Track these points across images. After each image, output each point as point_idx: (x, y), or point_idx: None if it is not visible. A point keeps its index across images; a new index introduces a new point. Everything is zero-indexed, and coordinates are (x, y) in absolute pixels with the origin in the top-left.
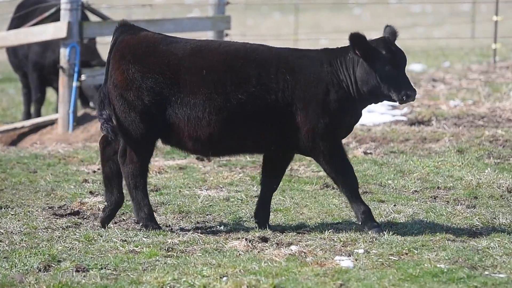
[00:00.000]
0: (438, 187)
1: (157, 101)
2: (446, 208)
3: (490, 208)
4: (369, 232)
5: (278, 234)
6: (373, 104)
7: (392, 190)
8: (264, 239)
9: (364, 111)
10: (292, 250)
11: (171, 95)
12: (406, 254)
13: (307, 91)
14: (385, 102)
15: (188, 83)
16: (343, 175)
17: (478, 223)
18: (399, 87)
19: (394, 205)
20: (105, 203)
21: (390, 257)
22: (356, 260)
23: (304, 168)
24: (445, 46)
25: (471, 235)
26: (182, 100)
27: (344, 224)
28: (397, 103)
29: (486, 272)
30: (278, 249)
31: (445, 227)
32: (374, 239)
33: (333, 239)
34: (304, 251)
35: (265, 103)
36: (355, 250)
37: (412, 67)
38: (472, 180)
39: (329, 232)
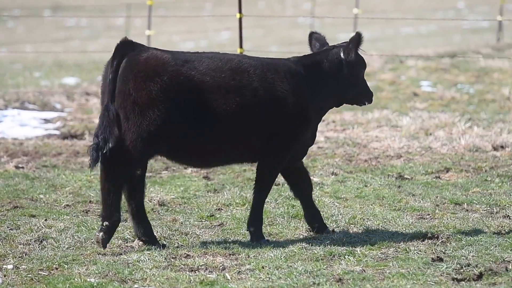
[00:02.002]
0: (90, 201)
1: (178, 119)
2: (97, 222)
3: None
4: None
5: None
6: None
7: (43, 204)
8: None
9: (17, 125)
10: None
11: (191, 114)
12: (56, 269)
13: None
14: (37, 115)
15: (208, 102)
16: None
17: (129, 237)
18: (369, 91)
19: (45, 220)
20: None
21: (40, 272)
22: (5, 276)
23: None
24: (100, 59)
25: (122, 249)
26: (201, 118)
27: None
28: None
29: (136, 285)
30: None
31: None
32: (24, 255)
33: None
34: None
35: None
36: (4, 266)
37: (66, 81)
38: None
39: None
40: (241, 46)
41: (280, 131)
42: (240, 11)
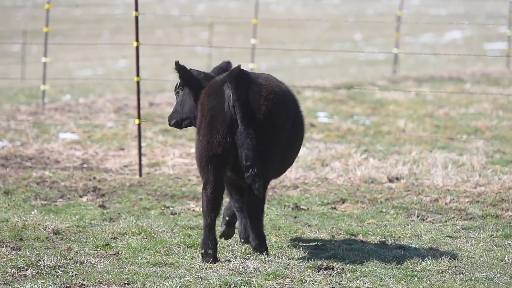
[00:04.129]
0: None
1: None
2: None
3: (35, 250)
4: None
5: None
6: None
7: None
8: None
9: None
10: None
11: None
12: None
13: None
14: None
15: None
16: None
17: (23, 265)
18: None
19: None
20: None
21: None
22: None
23: None
24: None
25: (15, 278)
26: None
27: None
28: None
29: None
30: None
31: None
32: None
33: None
34: None
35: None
36: None
37: None
38: (18, 221)
39: None
40: (138, 75)
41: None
42: (137, 40)
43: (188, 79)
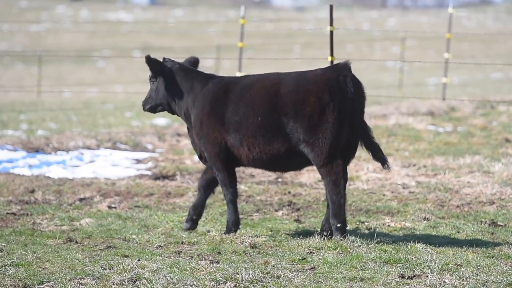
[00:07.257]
0: (182, 242)
1: None
2: (190, 263)
3: (233, 264)
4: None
5: None
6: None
7: (136, 244)
8: None
9: (109, 165)
10: None
11: None
12: None
13: None
14: (129, 155)
15: None
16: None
17: (221, 278)
18: None
19: (138, 260)
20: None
21: None
22: None
23: (47, 222)
24: None
25: None
26: None
27: (88, 279)
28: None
29: None
30: None
31: (188, 283)
32: None
33: None
34: None
35: None
36: None
37: (157, 121)
38: (216, 235)
39: None
40: None
41: None
42: (331, 54)
43: (160, 70)
